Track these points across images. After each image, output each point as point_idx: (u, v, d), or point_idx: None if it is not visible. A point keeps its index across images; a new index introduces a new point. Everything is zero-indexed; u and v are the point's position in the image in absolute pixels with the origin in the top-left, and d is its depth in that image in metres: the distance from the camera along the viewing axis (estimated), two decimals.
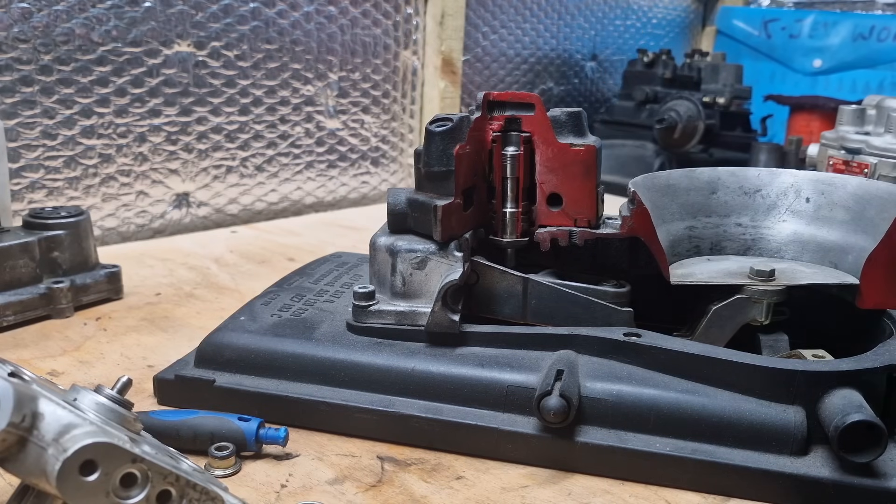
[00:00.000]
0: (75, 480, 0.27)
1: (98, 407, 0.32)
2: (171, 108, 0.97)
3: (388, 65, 1.22)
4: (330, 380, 0.49)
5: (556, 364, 0.46)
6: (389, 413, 0.47)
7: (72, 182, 0.91)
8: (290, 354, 0.50)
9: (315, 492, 0.43)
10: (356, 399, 0.48)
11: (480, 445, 0.47)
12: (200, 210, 1.02)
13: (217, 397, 0.50)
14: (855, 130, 0.80)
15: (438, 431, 0.47)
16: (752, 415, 0.43)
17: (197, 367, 0.52)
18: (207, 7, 0.97)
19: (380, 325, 0.51)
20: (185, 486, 0.31)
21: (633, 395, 0.45)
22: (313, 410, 0.49)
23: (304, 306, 0.56)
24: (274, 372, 0.50)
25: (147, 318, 0.67)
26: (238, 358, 0.51)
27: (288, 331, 0.52)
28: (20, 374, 0.32)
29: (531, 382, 0.46)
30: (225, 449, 0.44)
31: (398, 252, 0.51)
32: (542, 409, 0.43)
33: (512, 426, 0.46)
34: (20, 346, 0.60)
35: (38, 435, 0.28)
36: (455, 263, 0.50)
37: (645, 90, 1.43)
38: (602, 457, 0.44)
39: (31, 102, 0.86)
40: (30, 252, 0.65)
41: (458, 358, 0.49)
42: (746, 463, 0.43)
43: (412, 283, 0.51)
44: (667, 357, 0.46)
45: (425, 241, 0.51)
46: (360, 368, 0.49)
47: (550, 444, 0.45)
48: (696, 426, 0.44)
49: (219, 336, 0.53)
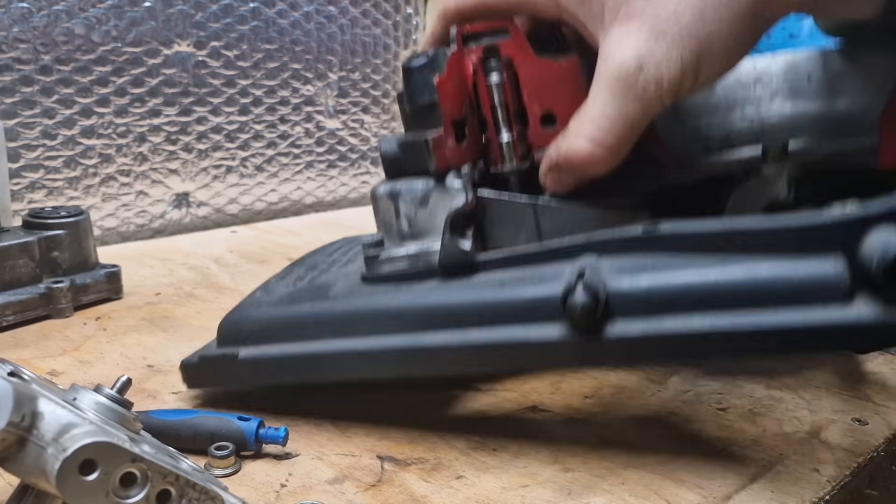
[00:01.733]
0: (75, 480, 0.27)
1: (98, 406, 0.32)
2: (171, 107, 0.97)
3: (388, 65, 1.22)
4: (352, 331, 0.47)
5: (578, 268, 0.43)
6: (418, 348, 0.45)
7: (71, 182, 0.91)
8: (308, 315, 0.49)
9: (315, 491, 0.43)
10: (382, 343, 0.46)
11: (514, 362, 0.45)
12: (200, 210, 1.02)
13: (243, 370, 0.49)
14: None
15: (468, 357, 0.44)
16: (789, 272, 0.39)
17: (220, 346, 0.51)
18: (207, 7, 0.97)
19: (393, 272, 0.49)
20: (184, 486, 0.31)
21: (661, 281, 0.41)
22: (339, 361, 0.47)
23: (317, 275, 0.56)
24: (294, 335, 0.48)
25: (147, 318, 0.67)
26: (258, 329, 0.50)
27: (305, 295, 0.51)
28: (20, 373, 0.32)
29: (555, 291, 0.42)
30: (224, 448, 0.44)
31: (398, 194, 0.49)
32: (569, 308, 0.40)
33: (541, 336, 0.42)
34: (20, 346, 0.60)
35: (38, 434, 0.28)
36: (457, 194, 0.48)
37: None
38: (639, 347, 0.41)
39: (30, 102, 0.86)
40: (29, 252, 0.65)
41: (477, 285, 0.46)
42: (791, 322, 0.39)
43: (417, 222, 0.49)
44: (689, 239, 0.42)
45: (424, 180, 0.49)
46: (380, 313, 0.47)
47: (583, 345, 0.42)
48: (731, 297, 0.40)
49: (237, 313, 0.52)
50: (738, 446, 0.49)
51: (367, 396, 0.53)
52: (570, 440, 0.49)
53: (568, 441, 0.49)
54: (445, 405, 0.53)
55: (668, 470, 0.46)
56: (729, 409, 0.54)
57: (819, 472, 0.46)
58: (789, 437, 0.50)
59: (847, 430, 0.51)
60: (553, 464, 0.46)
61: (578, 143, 0.44)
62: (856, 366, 0.62)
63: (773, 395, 0.56)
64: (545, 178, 0.47)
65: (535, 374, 0.58)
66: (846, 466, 0.47)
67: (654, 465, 0.46)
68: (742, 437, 0.50)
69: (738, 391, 0.56)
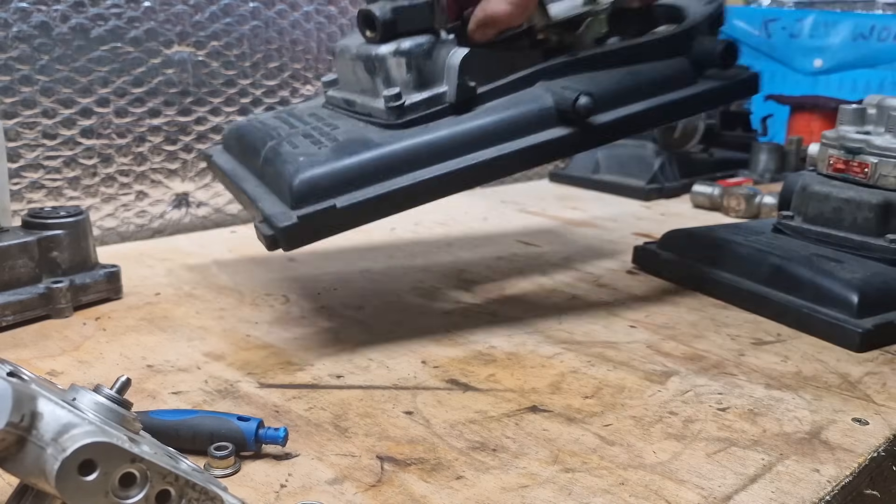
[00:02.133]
0: (74, 480, 0.27)
1: (97, 406, 0.32)
2: (171, 108, 0.97)
3: None
4: (416, 166, 0.58)
5: (566, 85, 0.62)
6: (475, 164, 0.59)
7: (71, 182, 0.91)
8: (372, 161, 0.57)
9: (314, 492, 0.43)
10: (445, 169, 0.59)
11: (535, 161, 0.64)
12: (200, 210, 1.02)
13: (345, 217, 0.56)
14: (855, 130, 0.80)
15: (508, 163, 0.61)
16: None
17: (302, 206, 0.55)
18: (207, 7, 0.97)
19: (416, 116, 0.61)
20: (184, 486, 0.31)
21: (604, 85, 0.64)
22: (418, 190, 0.58)
23: (325, 135, 0.62)
24: (371, 179, 0.57)
25: (146, 318, 0.67)
26: (340, 181, 0.56)
27: (353, 147, 0.59)
28: (19, 373, 0.32)
29: (548, 103, 0.62)
30: (224, 449, 0.44)
31: (408, 51, 0.61)
32: (579, 108, 0.59)
33: (552, 136, 0.61)
34: (19, 346, 0.60)
35: (37, 434, 0.28)
36: (452, 45, 0.61)
37: None
38: (613, 128, 0.63)
39: (30, 102, 0.86)
40: (29, 252, 0.65)
41: (490, 110, 0.61)
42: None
43: (425, 71, 0.61)
44: (595, 59, 0.66)
45: (423, 36, 0.61)
46: (431, 147, 0.59)
47: (580, 135, 0.62)
48: (637, 91, 0.65)
49: (304, 174, 0.56)
50: (738, 446, 0.49)
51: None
52: (570, 440, 0.49)
53: (568, 441, 0.49)
54: (445, 402, 0.53)
55: (668, 470, 0.46)
56: (729, 409, 0.54)
57: (819, 472, 0.46)
58: (789, 437, 0.50)
59: (847, 430, 0.51)
60: (553, 464, 0.46)
61: (500, 5, 0.61)
62: (856, 366, 0.62)
63: (773, 395, 0.56)
64: (473, 33, 0.62)
65: (536, 375, 0.58)
66: (846, 466, 0.47)
67: (654, 465, 0.46)
68: (742, 437, 0.50)
69: (738, 391, 0.56)
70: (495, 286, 0.79)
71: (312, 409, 0.52)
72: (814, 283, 0.69)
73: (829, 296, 0.68)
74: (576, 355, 0.62)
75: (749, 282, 0.74)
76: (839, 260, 0.72)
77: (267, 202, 0.58)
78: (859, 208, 0.76)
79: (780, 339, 0.67)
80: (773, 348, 0.65)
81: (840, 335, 0.65)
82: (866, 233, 0.75)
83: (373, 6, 0.61)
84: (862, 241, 0.75)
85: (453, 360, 0.60)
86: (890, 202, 0.74)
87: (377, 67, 0.62)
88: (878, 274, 0.70)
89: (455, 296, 0.76)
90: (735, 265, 0.76)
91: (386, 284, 0.78)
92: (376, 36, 0.61)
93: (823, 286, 0.68)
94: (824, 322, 0.66)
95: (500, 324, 0.68)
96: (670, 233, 0.86)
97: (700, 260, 0.80)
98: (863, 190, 0.76)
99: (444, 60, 0.61)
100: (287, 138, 0.62)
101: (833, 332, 0.66)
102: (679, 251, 0.83)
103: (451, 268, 0.85)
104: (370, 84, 0.63)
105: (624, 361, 0.61)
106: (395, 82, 0.61)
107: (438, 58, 0.61)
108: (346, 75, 0.67)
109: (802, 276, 0.70)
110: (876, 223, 0.75)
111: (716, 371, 0.60)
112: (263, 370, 0.57)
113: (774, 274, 0.73)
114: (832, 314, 0.66)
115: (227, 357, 0.60)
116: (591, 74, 0.65)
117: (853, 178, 0.78)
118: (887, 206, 0.74)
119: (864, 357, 0.63)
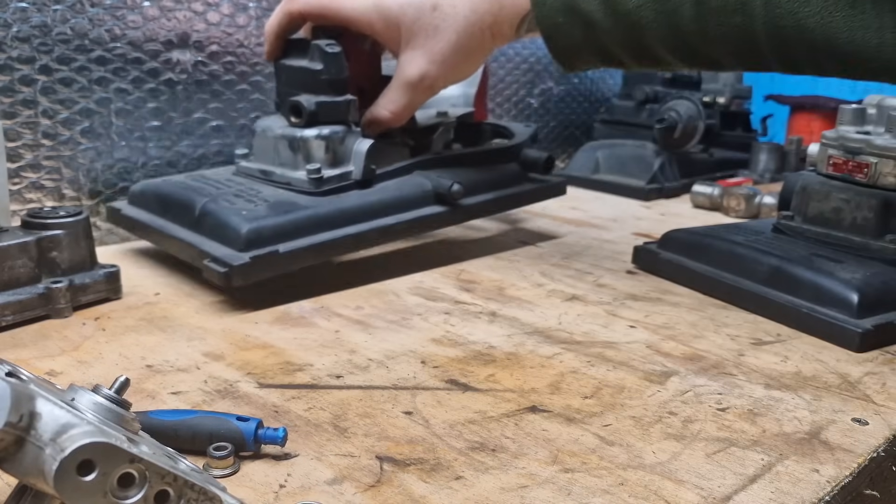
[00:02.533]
0: (73, 480, 0.27)
1: (96, 407, 0.32)
2: (172, 108, 0.97)
3: None
4: (334, 225, 0.74)
5: (440, 174, 0.83)
6: (374, 229, 0.77)
7: (71, 182, 0.91)
8: (303, 219, 0.72)
9: (314, 492, 0.43)
10: (356, 229, 0.76)
11: (417, 229, 0.82)
12: None
13: (284, 260, 0.70)
14: (855, 130, 0.80)
15: (396, 232, 0.79)
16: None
17: (249, 250, 0.69)
18: (208, 8, 0.97)
19: (331, 187, 0.77)
20: (183, 486, 0.31)
21: (471, 176, 0.86)
22: (336, 245, 0.74)
23: (255, 197, 0.76)
24: (301, 232, 0.72)
25: (146, 318, 0.67)
26: (278, 232, 0.71)
27: (285, 207, 0.73)
28: (18, 373, 0.32)
29: (427, 187, 0.82)
30: (223, 449, 0.44)
31: (328, 136, 0.78)
32: (453, 193, 0.80)
33: (431, 212, 0.81)
34: (18, 346, 0.60)
35: (36, 435, 0.28)
36: (359, 136, 0.79)
37: (645, 90, 1.43)
38: (475, 209, 0.86)
39: (30, 102, 0.86)
40: (28, 252, 0.65)
41: (385, 189, 0.80)
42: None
43: (339, 153, 0.79)
44: (449, 159, 0.88)
45: (339, 126, 0.79)
46: (343, 213, 0.76)
47: (452, 213, 0.83)
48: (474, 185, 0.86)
49: (254, 224, 0.70)
50: (737, 446, 0.49)
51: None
52: (570, 440, 0.49)
53: (567, 441, 0.49)
54: (444, 402, 0.53)
55: (667, 470, 0.46)
56: (728, 410, 0.54)
57: (819, 472, 0.46)
58: (789, 438, 0.50)
59: (847, 430, 0.51)
60: (552, 464, 0.46)
61: (384, 112, 0.79)
62: (856, 366, 0.62)
63: (773, 396, 0.56)
64: (364, 128, 0.80)
65: (535, 375, 0.58)
66: (846, 466, 0.47)
67: (653, 466, 0.46)
68: (742, 437, 0.50)
69: (738, 391, 0.56)
70: (495, 286, 0.79)
71: (312, 410, 0.52)
72: (813, 284, 0.69)
73: (828, 296, 0.68)
74: (575, 355, 0.62)
75: (749, 282, 0.74)
76: (839, 260, 0.72)
77: (210, 247, 0.70)
78: (859, 208, 0.76)
79: (780, 339, 0.67)
80: (772, 348, 0.65)
81: (840, 335, 0.65)
82: (866, 233, 0.75)
83: (301, 98, 0.77)
84: (862, 242, 0.75)
85: (453, 361, 0.60)
86: (890, 202, 0.74)
87: (300, 146, 0.77)
88: (878, 274, 0.70)
89: (455, 296, 0.76)
90: (735, 265, 0.76)
91: (386, 284, 0.78)
92: (302, 122, 0.77)
93: (823, 286, 0.68)
94: (824, 322, 0.66)
95: (499, 324, 0.68)
96: (670, 233, 0.86)
97: (700, 260, 0.80)
98: (862, 190, 0.76)
99: (353, 147, 0.78)
100: (220, 196, 0.75)
101: (833, 331, 0.66)
102: (679, 251, 0.83)
103: (451, 268, 0.85)
104: (291, 159, 0.78)
105: (623, 361, 0.61)
106: (315, 159, 0.77)
107: (349, 144, 0.78)
108: (266, 150, 0.81)
109: (802, 276, 0.70)
110: (875, 223, 0.75)
111: (715, 371, 0.60)
112: (263, 370, 0.57)
113: (774, 274, 0.73)
114: (832, 314, 0.66)
115: (227, 357, 0.60)
116: (453, 169, 0.85)
117: (853, 178, 0.78)
118: (887, 205, 0.74)
119: (863, 357, 0.63)
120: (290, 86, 0.80)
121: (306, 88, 0.78)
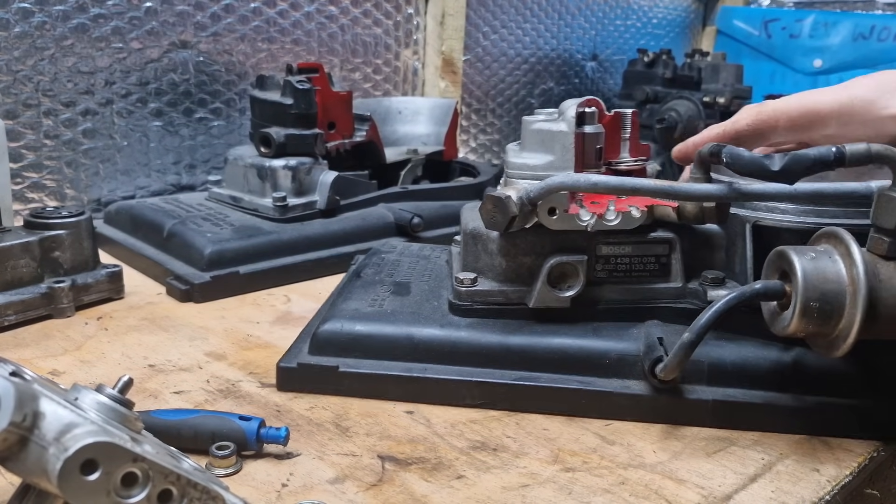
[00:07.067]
0: (76, 480, 0.27)
1: (99, 406, 0.32)
2: (172, 108, 0.97)
3: (388, 64, 1.22)
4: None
5: (402, 207, 0.87)
6: (339, 254, 0.79)
7: (73, 182, 0.91)
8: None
9: (316, 491, 0.43)
10: (317, 255, 0.79)
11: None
12: None
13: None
14: None
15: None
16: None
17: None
18: (208, 7, 0.97)
19: (295, 215, 0.81)
20: (186, 486, 0.31)
21: (432, 210, 0.89)
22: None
23: (222, 220, 0.79)
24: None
25: (148, 318, 0.67)
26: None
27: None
28: (21, 373, 0.32)
29: (391, 219, 0.86)
30: (226, 448, 0.44)
31: (295, 167, 0.83)
32: (413, 225, 0.83)
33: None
34: (21, 346, 0.61)
35: (40, 434, 0.28)
36: (324, 167, 0.85)
37: (645, 90, 1.43)
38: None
39: (31, 102, 0.86)
40: (31, 252, 0.65)
41: (348, 219, 0.85)
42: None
43: (304, 183, 0.83)
44: (427, 192, 0.95)
45: (306, 157, 0.84)
46: (308, 238, 0.79)
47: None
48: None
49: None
50: (737, 446, 0.49)
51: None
52: (571, 439, 0.49)
53: (568, 440, 0.49)
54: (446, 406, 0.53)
55: (668, 469, 0.46)
56: None
57: (819, 472, 0.46)
58: (789, 437, 0.50)
59: None
60: (553, 464, 0.46)
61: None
62: None
63: None
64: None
65: None
66: (846, 466, 0.47)
67: (654, 465, 0.46)
68: (742, 437, 0.50)
69: None
70: None
71: (314, 409, 0.52)
72: None
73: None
74: None
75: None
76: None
77: (175, 265, 0.74)
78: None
79: None
80: None
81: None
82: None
83: (270, 130, 0.82)
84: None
85: None
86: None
87: (268, 175, 0.82)
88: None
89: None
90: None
91: None
92: (271, 152, 0.83)
93: None
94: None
95: None
96: None
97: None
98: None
99: (319, 178, 0.84)
100: (188, 219, 0.79)
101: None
102: None
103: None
104: (260, 187, 0.83)
105: None
106: (282, 188, 0.82)
107: (315, 175, 0.84)
108: (236, 178, 0.85)
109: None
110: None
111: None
112: (265, 370, 0.57)
113: None
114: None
115: (229, 357, 0.60)
116: (416, 203, 0.90)
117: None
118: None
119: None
120: (262, 118, 0.85)
121: (277, 121, 0.83)
